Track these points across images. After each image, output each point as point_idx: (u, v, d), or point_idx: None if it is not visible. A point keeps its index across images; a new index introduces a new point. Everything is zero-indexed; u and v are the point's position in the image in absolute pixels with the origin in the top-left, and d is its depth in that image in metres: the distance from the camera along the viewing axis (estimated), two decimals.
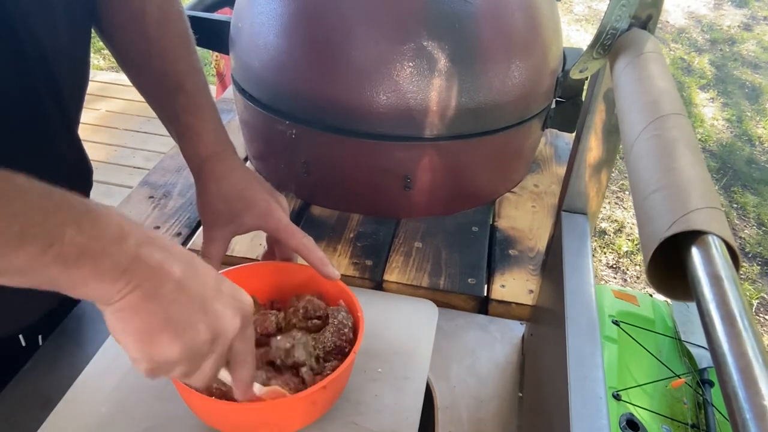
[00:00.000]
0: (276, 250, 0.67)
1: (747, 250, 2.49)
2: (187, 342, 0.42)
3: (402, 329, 0.69)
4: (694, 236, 0.30)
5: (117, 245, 0.39)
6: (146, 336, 0.41)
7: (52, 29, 0.57)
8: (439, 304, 0.74)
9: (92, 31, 0.66)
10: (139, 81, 0.68)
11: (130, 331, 0.41)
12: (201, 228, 0.65)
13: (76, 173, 0.69)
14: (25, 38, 0.54)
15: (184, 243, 0.84)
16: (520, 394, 0.67)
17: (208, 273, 0.45)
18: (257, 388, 0.54)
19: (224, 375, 0.51)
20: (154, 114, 0.68)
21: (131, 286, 0.40)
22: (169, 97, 0.65)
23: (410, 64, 0.78)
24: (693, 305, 0.31)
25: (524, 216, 0.93)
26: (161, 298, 0.41)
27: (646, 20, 0.49)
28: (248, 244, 0.83)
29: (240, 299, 0.47)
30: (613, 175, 2.47)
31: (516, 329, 0.76)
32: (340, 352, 0.59)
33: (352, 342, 0.60)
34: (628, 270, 2.34)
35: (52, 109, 0.61)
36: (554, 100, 0.95)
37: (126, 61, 0.68)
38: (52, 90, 0.60)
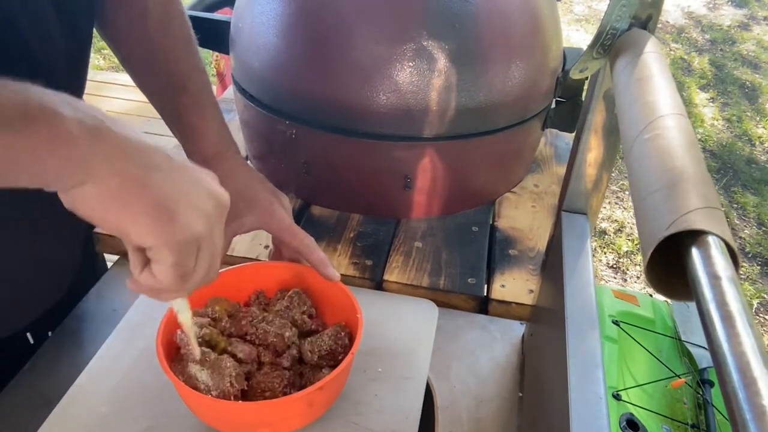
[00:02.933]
0: (282, 249, 0.67)
1: (747, 250, 2.49)
2: (202, 211, 0.37)
3: (402, 329, 0.69)
4: (693, 236, 0.30)
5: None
6: (164, 211, 0.35)
7: (43, 33, 0.56)
8: (439, 304, 0.74)
9: (93, 32, 0.66)
10: (142, 81, 0.68)
11: (142, 210, 0.34)
12: None
13: None
14: (11, 41, 0.53)
15: None
16: (520, 394, 0.68)
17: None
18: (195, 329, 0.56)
19: (197, 372, 0.54)
20: (155, 114, 0.69)
21: (123, 159, 0.34)
22: (173, 97, 0.65)
23: (410, 64, 0.78)
24: (693, 305, 0.31)
25: (524, 216, 0.93)
26: (168, 170, 0.36)
27: (646, 20, 0.49)
28: (248, 244, 0.83)
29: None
30: (613, 175, 2.47)
31: (516, 329, 0.76)
32: (334, 358, 0.59)
33: (346, 348, 0.59)
34: (628, 270, 2.34)
35: None
36: (554, 100, 0.95)
37: (129, 62, 0.68)
38: None
